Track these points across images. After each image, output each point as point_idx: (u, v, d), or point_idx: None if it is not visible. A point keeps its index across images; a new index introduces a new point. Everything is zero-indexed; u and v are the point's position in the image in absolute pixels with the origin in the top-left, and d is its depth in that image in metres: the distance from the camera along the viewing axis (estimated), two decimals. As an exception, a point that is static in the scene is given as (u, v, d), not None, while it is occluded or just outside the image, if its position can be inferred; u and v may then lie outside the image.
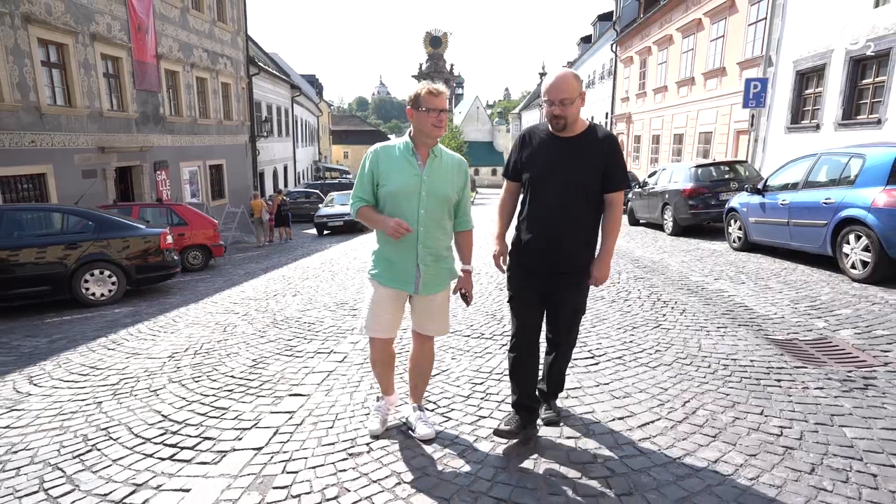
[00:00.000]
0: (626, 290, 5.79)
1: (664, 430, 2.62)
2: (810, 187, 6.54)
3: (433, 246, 2.51)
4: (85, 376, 4.09)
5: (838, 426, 2.57)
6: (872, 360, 3.43)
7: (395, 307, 2.59)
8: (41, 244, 6.79)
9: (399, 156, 2.48)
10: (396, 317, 2.62)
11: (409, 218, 2.44)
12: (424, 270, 2.51)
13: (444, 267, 2.58)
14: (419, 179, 2.44)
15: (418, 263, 2.49)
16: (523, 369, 2.59)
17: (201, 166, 18.83)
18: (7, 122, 10.48)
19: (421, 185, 2.44)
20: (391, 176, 2.45)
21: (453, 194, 2.53)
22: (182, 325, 5.66)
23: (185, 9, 17.37)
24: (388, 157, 2.49)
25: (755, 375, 3.27)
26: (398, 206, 2.46)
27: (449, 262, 2.61)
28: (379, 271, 2.58)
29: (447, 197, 2.50)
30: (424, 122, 2.40)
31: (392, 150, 2.51)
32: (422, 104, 2.38)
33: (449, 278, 2.62)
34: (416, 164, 2.47)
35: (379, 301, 2.58)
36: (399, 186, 2.44)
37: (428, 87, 2.40)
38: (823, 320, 4.36)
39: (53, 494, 2.40)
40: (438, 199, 2.47)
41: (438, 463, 2.45)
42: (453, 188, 2.52)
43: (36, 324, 6.22)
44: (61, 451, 2.83)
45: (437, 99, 2.37)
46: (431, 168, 2.48)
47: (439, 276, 2.57)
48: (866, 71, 11.02)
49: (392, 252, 2.51)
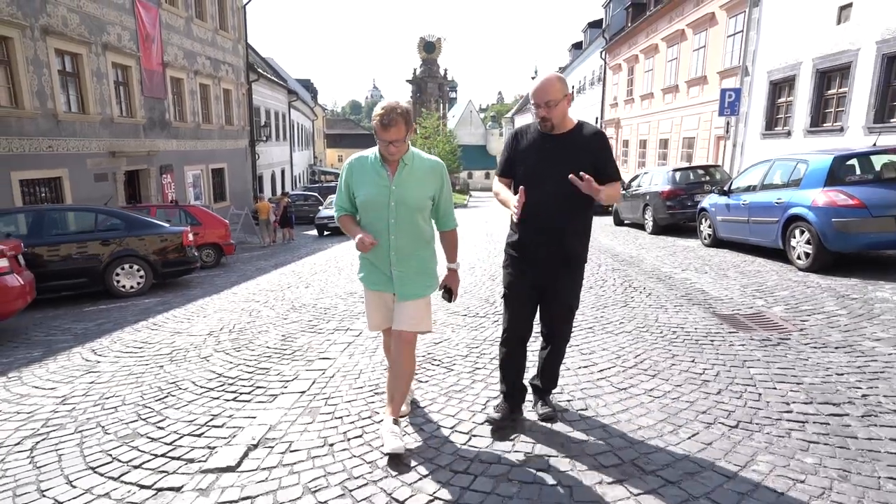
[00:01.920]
0: (603, 279, 6.60)
1: (617, 373, 3.42)
2: (766, 189, 7.39)
3: (406, 252, 2.55)
4: (140, 349, 4.84)
5: (746, 367, 3.38)
6: (792, 327, 4.24)
7: (383, 306, 2.71)
8: (79, 241, 7.53)
9: (370, 167, 2.54)
10: (386, 314, 2.73)
11: (380, 226, 2.51)
12: (399, 276, 2.57)
13: (423, 273, 2.63)
14: (387, 190, 2.48)
15: (391, 269, 2.57)
16: (513, 364, 2.74)
17: (204, 170, 19.51)
18: (27, 128, 11.15)
19: (389, 195, 2.48)
20: (362, 187, 2.52)
21: (426, 201, 2.55)
22: (210, 310, 6.40)
23: (190, 18, 18.09)
24: (361, 169, 2.55)
25: (695, 338, 4.08)
26: (369, 215, 2.54)
27: (428, 265, 2.66)
28: (364, 275, 2.72)
29: (417, 205, 2.52)
30: (381, 146, 2.47)
31: (365, 160, 2.57)
32: (376, 131, 2.42)
33: (430, 283, 2.67)
34: (385, 175, 2.49)
35: (368, 302, 2.75)
36: (368, 198, 2.50)
37: (379, 117, 2.38)
38: (763, 300, 5.18)
39: (150, 421, 3.15)
40: (408, 208, 2.50)
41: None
42: (426, 194, 2.55)
43: (77, 312, 6.94)
44: (144, 397, 3.57)
45: (386, 133, 2.37)
46: (401, 177, 2.50)
47: (418, 282, 2.61)
48: (831, 82, 11.92)
49: (370, 256, 2.61)
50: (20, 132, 10.89)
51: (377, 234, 2.50)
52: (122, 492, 2.37)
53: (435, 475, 2.35)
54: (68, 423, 3.20)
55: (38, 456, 2.78)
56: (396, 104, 2.40)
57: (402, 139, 2.41)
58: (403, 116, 2.38)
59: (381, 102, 2.51)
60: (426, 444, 2.64)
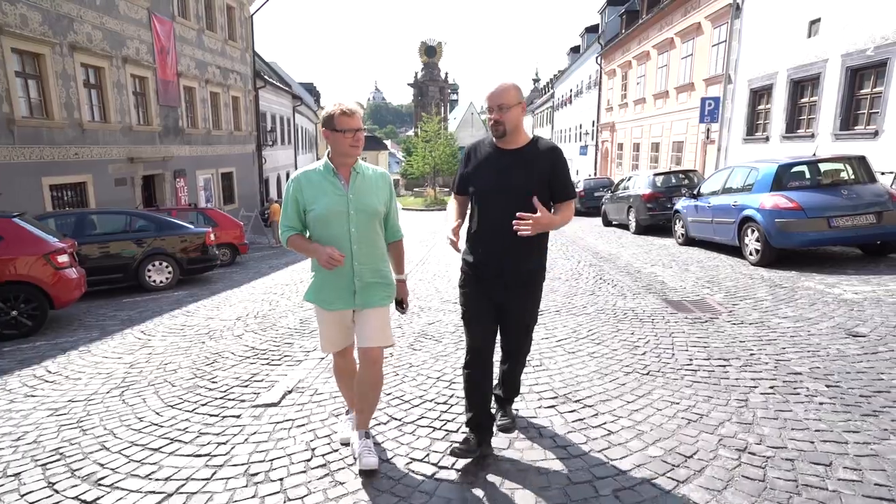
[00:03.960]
0: (579, 273, 7.51)
1: (570, 342, 4.33)
2: (726, 193, 8.28)
3: (368, 261, 2.52)
4: (181, 329, 5.76)
5: (671, 337, 4.30)
6: (723, 309, 5.15)
7: (341, 326, 2.60)
8: (116, 240, 8.48)
9: (321, 179, 2.48)
10: (346, 333, 2.64)
11: (341, 237, 2.45)
12: (361, 287, 2.51)
13: (382, 280, 2.58)
14: (345, 199, 2.45)
15: (355, 280, 2.50)
16: (478, 390, 2.60)
17: (214, 174, 20.46)
18: (56, 137, 12.08)
19: (348, 203, 2.45)
20: (317, 200, 2.44)
21: (381, 207, 2.55)
22: (234, 301, 7.33)
23: (201, 30, 19.04)
24: (311, 183, 2.48)
25: (641, 317, 4.99)
26: (328, 227, 2.45)
27: (386, 274, 2.62)
28: (318, 296, 2.57)
29: (375, 211, 2.52)
30: (342, 142, 2.40)
31: (313, 174, 2.50)
32: (336, 125, 2.38)
33: (389, 292, 2.62)
34: (340, 185, 2.46)
35: (324, 323, 2.62)
36: (326, 208, 2.43)
37: (341, 108, 2.39)
38: (709, 289, 6.08)
39: (204, 378, 4.06)
40: (367, 214, 2.49)
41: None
42: (380, 201, 2.54)
43: (117, 303, 7.87)
44: (195, 363, 4.48)
45: (351, 119, 2.37)
46: (356, 185, 2.48)
47: (378, 288, 2.56)
48: (804, 91, 12.78)
49: (329, 272, 2.45)
50: (50, 141, 11.83)
51: (339, 246, 2.41)
52: (198, 418, 3.28)
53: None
54: (141, 380, 4.12)
55: (128, 399, 3.70)
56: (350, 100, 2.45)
57: (363, 129, 2.46)
58: (361, 109, 2.44)
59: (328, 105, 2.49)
60: (416, 405, 3.55)
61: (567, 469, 2.42)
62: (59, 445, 3.00)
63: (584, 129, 34.26)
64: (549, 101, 46.18)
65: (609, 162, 28.57)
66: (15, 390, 4.06)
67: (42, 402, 3.76)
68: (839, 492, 2.12)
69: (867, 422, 2.68)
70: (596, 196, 18.72)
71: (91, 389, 3.95)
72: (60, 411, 3.54)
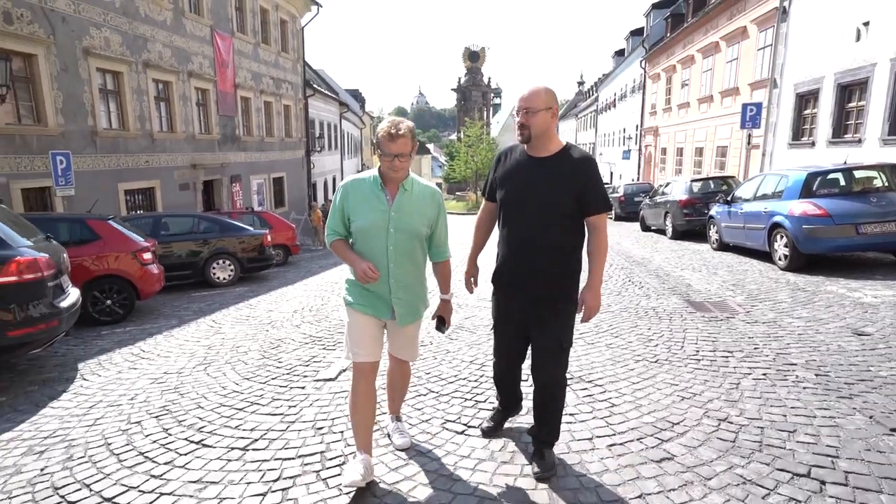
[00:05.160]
0: (609, 275, 7.91)
1: (591, 336, 4.81)
2: (758, 199, 8.49)
3: (404, 280, 2.50)
4: (246, 320, 6.52)
5: (685, 333, 4.72)
6: (741, 310, 5.49)
7: (373, 331, 2.56)
8: (186, 241, 9.46)
9: (368, 191, 2.46)
10: (377, 341, 2.58)
11: (378, 253, 2.44)
12: (397, 303, 2.51)
13: (417, 299, 2.59)
14: (386, 216, 2.42)
15: (391, 297, 2.49)
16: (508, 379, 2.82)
17: (266, 179, 21.68)
18: (131, 147, 13.31)
19: (389, 221, 2.42)
20: (359, 212, 2.44)
21: (424, 228, 2.50)
22: (290, 296, 8.09)
23: (257, 43, 20.27)
24: (357, 192, 2.46)
25: (661, 315, 5.40)
26: (367, 242, 2.46)
27: (421, 293, 2.61)
28: (354, 299, 2.55)
29: (416, 232, 2.48)
30: (384, 163, 2.40)
31: (362, 183, 2.49)
32: (380, 146, 2.37)
33: (422, 310, 2.63)
34: (385, 200, 2.44)
35: (356, 325, 2.55)
36: (366, 223, 2.43)
37: (387, 129, 2.34)
38: (732, 292, 6.40)
39: (271, 359, 4.74)
40: (407, 234, 2.45)
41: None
42: (424, 222, 2.50)
43: (187, 297, 8.79)
44: (262, 347, 5.19)
45: (393, 143, 2.33)
46: (400, 203, 2.44)
47: (412, 306, 2.57)
48: (851, 96, 12.68)
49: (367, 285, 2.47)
50: (125, 150, 13.06)
51: (374, 262, 2.42)
52: (270, 388, 3.95)
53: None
54: (219, 359, 4.85)
55: (211, 373, 4.42)
56: (403, 119, 2.42)
57: (408, 154, 2.39)
58: (410, 131, 2.39)
59: (385, 119, 2.47)
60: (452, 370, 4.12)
61: (572, 429, 2.94)
62: (165, 404, 3.72)
63: (627, 133, 34.10)
64: (594, 104, 46.02)
65: (652, 167, 28.41)
66: (119, 364, 4.87)
67: (143, 373, 4.53)
68: (794, 450, 2.56)
69: (840, 402, 3.07)
70: (636, 201, 18.86)
71: (180, 365, 4.71)
72: (159, 380, 4.29)
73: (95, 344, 5.70)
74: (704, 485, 2.34)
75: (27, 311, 4.15)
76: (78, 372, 4.67)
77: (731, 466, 2.46)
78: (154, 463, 2.85)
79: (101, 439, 3.18)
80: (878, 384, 3.33)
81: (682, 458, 2.57)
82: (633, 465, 2.53)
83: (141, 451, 2.99)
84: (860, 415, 2.90)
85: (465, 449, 2.82)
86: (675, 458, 2.57)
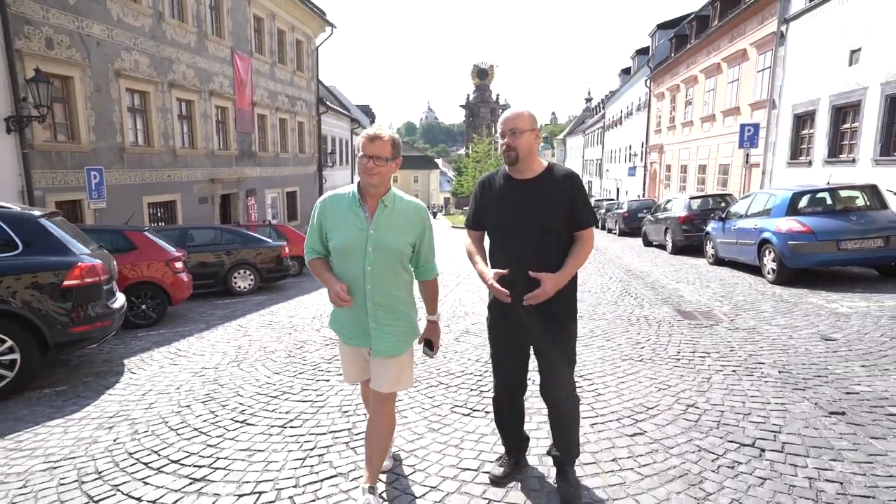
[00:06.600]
0: (607, 287, 8.40)
1: (584, 338, 5.30)
2: (750, 216, 8.98)
3: (384, 303, 2.35)
4: (269, 324, 7.07)
5: (670, 337, 5.21)
6: (726, 318, 5.97)
7: (360, 359, 2.51)
8: (210, 251, 10.07)
9: (346, 207, 2.35)
10: (363, 368, 2.53)
11: (356, 274, 2.31)
12: (376, 328, 2.35)
13: (400, 322, 2.40)
14: (364, 234, 2.30)
15: (369, 321, 2.35)
16: (509, 420, 2.70)
17: (280, 193, 22.41)
18: (155, 162, 14.02)
19: (367, 240, 2.29)
20: (337, 230, 2.33)
21: (406, 247, 2.37)
22: (308, 303, 8.65)
23: (274, 63, 21.11)
24: (335, 209, 2.36)
25: (650, 322, 5.90)
26: (344, 261, 2.35)
27: (406, 316, 2.44)
28: (337, 326, 2.50)
29: (397, 251, 2.34)
30: (359, 168, 2.28)
31: (340, 199, 2.38)
32: (359, 146, 2.26)
33: (409, 336, 2.45)
34: (363, 217, 2.32)
35: (343, 354, 2.55)
36: (343, 242, 2.31)
37: (368, 132, 2.27)
38: (720, 302, 6.88)
39: (296, 357, 5.27)
40: (386, 253, 2.32)
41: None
42: (406, 240, 2.37)
43: (211, 304, 9.37)
44: (287, 347, 5.73)
45: (372, 144, 2.23)
46: (380, 220, 2.32)
47: (396, 337, 2.39)
48: (845, 118, 13.19)
49: (345, 308, 2.35)
50: (150, 165, 13.77)
51: (352, 283, 2.32)
52: (299, 381, 4.48)
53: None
54: (249, 357, 5.39)
55: (244, 368, 4.96)
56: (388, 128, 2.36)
57: (385, 159, 2.26)
58: (392, 139, 2.29)
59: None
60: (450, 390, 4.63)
61: (562, 413, 3.43)
62: (208, 392, 4.26)
63: (633, 150, 34.68)
64: (601, 121, 46.76)
65: (657, 183, 28.92)
66: (160, 360, 5.42)
67: (183, 368, 5.08)
68: (745, 427, 3.07)
69: (794, 393, 3.56)
70: (639, 217, 19.35)
71: (215, 361, 5.25)
72: (199, 374, 4.84)
73: (135, 344, 6.27)
74: (667, 452, 2.84)
75: (87, 311, 4.72)
76: (125, 367, 5.23)
77: (690, 439, 2.97)
78: (207, 436, 3.38)
79: (158, 419, 3.72)
80: (831, 380, 3.81)
81: (651, 433, 3.07)
82: (609, 438, 3.04)
83: (195, 428, 3.53)
84: (808, 402, 3.39)
85: (470, 426, 3.33)
86: (646, 433, 3.08)
